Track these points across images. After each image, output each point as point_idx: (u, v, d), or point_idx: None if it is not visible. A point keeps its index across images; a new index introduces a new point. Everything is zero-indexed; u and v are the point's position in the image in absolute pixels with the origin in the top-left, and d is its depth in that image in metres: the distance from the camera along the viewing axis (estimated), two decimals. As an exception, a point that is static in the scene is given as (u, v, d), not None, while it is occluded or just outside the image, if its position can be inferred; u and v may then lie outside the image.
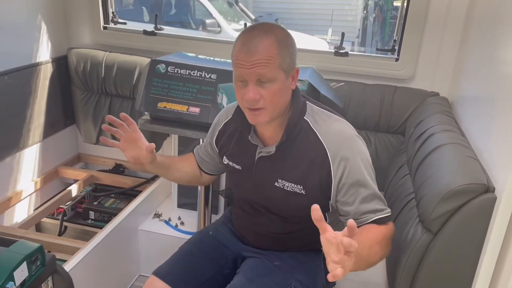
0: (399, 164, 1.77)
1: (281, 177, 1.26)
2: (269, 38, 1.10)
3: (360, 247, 0.90)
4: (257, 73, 1.10)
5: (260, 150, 1.29)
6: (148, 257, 2.16)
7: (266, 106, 1.14)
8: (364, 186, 1.19)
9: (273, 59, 1.10)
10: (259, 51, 1.09)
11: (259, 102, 1.13)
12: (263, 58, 1.09)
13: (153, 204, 2.29)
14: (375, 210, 1.19)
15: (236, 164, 1.36)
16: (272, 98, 1.13)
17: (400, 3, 2.18)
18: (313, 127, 1.22)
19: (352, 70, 2.17)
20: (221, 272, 1.40)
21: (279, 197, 1.27)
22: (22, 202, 2.28)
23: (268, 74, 1.10)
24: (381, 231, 1.16)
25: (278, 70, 1.11)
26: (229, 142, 1.38)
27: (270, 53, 1.09)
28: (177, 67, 1.83)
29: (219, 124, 1.43)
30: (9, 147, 2.15)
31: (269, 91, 1.12)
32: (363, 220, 1.19)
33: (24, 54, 2.21)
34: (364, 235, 1.09)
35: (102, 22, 2.45)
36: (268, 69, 1.10)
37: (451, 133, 1.50)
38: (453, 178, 1.19)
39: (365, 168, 1.19)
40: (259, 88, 1.12)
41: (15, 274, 1.15)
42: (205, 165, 1.53)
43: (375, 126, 2.09)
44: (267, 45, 1.10)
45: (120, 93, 2.39)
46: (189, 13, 6.23)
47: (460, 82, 1.89)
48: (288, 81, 1.16)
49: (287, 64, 1.13)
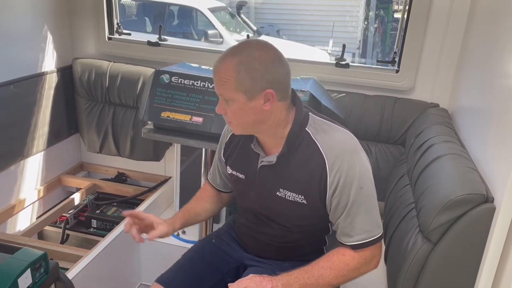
0: (400, 175, 1.79)
1: (283, 187, 1.27)
2: (230, 61, 1.16)
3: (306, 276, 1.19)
4: (218, 91, 1.21)
5: (261, 160, 1.30)
6: (150, 266, 2.16)
7: (231, 121, 1.24)
8: (353, 205, 1.19)
9: (229, 80, 1.16)
10: (218, 71, 1.18)
11: (225, 116, 1.25)
12: (221, 78, 1.18)
13: (155, 213, 2.27)
14: (355, 233, 1.20)
15: (239, 173, 1.38)
16: (233, 115, 1.22)
17: (400, 15, 2.21)
18: (314, 138, 1.24)
19: (353, 81, 2.20)
20: (224, 280, 1.40)
21: (281, 206, 1.29)
22: (25, 210, 2.30)
23: (225, 94, 1.19)
24: (344, 262, 1.21)
25: (235, 92, 1.16)
26: (234, 152, 1.40)
27: (226, 75, 1.16)
28: (180, 77, 1.86)
29: (226, 137, 1.45)
30: (14, 155, 2.18)
31: (230, 109, 1.21)
32: (340, 240, 1.24)
33: (30, 63, 2.25)
34: (317, 264, 1.22)
35: (107, 33, 2.49)
36: (224, 89, 1.18)
37: (451, 144, 1.52)
38: (453, 188, 1.20)
39: (361, 183, 1.19)
40: (225, 104, 1.21)
41: (19, 281, 1.16)
42: (223, 186, 1.54)
43: (375, 136, 2.11)
44: (225, 67, 1.17)
45: (123, 103, 2.42)
46: (191, 24, 6.28)
47: (460, 94, 1.92)
48: (253, 102, 1.17)
49: (246, 87, 1.15)
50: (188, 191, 2.19)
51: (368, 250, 1.22)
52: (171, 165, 2.46)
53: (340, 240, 1.25)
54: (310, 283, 1.20)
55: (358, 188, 1.19)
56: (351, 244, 1.21)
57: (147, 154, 2.47)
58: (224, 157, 1.45)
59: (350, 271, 1.22)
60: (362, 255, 1.22)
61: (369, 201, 1.21)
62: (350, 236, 1.21)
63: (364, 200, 1.20)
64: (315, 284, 1.20)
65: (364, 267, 1.23)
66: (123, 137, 2.46)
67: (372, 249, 1.22)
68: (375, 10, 7.57)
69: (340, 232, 1.24)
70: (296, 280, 1.19)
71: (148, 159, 2.48)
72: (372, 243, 1.21)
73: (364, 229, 1.20)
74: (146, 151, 2.45)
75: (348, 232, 1.22)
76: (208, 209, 1.54)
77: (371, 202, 1.22)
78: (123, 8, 5.78)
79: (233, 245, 1.49)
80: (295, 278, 1.20)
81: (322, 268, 1.21)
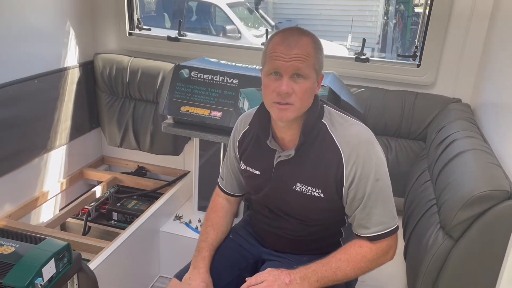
0: (420, 170, 1.77)
1: (300, 181, 1.27)
2: (307, 37, 1.17)
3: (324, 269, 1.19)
4: (295, 66, 1.14)
5: (279, 155, 1.30)
6: (169, 259, 2.19)
7: (295, 102, 1.17)
8: (370, 197, 1.20)
9: (310, 56, 1.15)
10: (299, 46, 1.14)
11: (290, 97, 1.16)
12: (302, 53, 1.14)
13: (174, 207, 2.32)
14: (372, 224, 1.20)
15: (254, 169, 1.38)
16: (302, 95, 1.16)
17: (421, 9, 2.18)
18: (330, 130, 1.24)
19: (373, 76, 2.18)
20: (241, 275, 1.40)
21: (297, 200, 1.29)
22: (48, 202, 2.35)
23: (305, 70, 1.14)
24: (361, 254, 1.21)
25: (312, 69, 1.16)
26: (247, 148, 1.40)
27: (308, 51, 1.15)
28: (200, 72, 1.87)
29: (238, 134, 1.44)
30: (37, 149, 2.23)
31: (301, 87, 1.15)
32: (356, 232, 1.24)
33: (53, 58, 2.29)
34: (334, 257, 1.22)
35: (128, 28, 2.52)
36: (305, 65, 1.14)
37: (474, 139, 1.49)
38: (476, 184, 1.19)
39: (377, 175, 1.19)
40: (292, 83, 1.16)
41: (43, 270, 1.19)
42: (238, 187, 1.50)
43: (395, 132, 2.08)
44: (306, 42, 1.15)
45: (144, 97, 2.45)
46: (210, 20, 6.30)
47: (483, 88, 1.88)
48: (315, 84, 1.20)
49: (319, 66, 1.18)
50: (207, 185, 2.21)
51: (385, 241, 1.22)
52: (190, 159, 2.48)
53: (356, 232, 1.25)
54: (327, 276, 1.20)
55: (374, 180, 1.19)
56: (368, 235, 1.21)
57: (166, 148, 2.49)
58: (239, 153, 1.44)
59: (368, 262, 1.21)
60: (379, 246, 1.22)
61: (385, 193, 1.22)
62: (367, 228, 1.21)
63: (381, 192, 1.20)
64: (333, 277, 1.20)
65: (382, 258, 1.23)
66: (143, 132, 2.49)
67: (389, 240, 1.22)
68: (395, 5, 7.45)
69: (357, 224, 1.23)
70: (314, 273, 1.20)
71: (167, 153, 2.51)
72: (388, 234, 1.21)
73: (380, 221, 1.21)
74: (166, 145, 2.48)
75: (364, 224, 1.22)
76: (225, 231, 1.47)
77: (387, 193, 1.22)
78: (143, 4, 5.83)
79: (251, 240, 1.50)
80: (313, 271, 1.20)
81: (339, 261, 1.21)
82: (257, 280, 1.20)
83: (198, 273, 1.33)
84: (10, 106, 2.02)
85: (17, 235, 1.30)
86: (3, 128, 2.00)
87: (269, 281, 1.18)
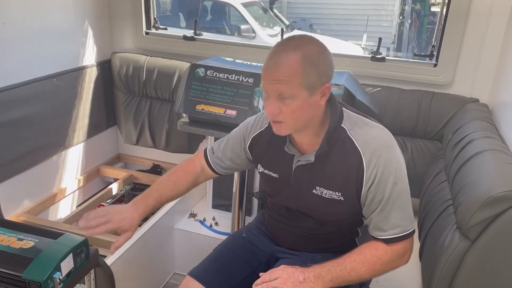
0: (436, 171, 1.75)
1: (319, 185, 1.27)
2: (295, 55, 1.11)
3: (338, 268, 1.19)
4: (277, 89, 1.12)
5: (298, 159, 1.30)
6: (183, 256, 2.21)
7: (285, 120, 1.16)
8: (388, 200, 1.19)
9: (295, 76, 1.11)
10: (283, 66, 1.10)
11: (278, 116, 1.16)
12: (285, 75, 1.10)
13: (188, 204, 2.34)
14: (389, 227, 1.20)
15: (272, 172, 1.37)
16: (291, 114, 1.14)
17: (438, 8, 2.15)
18: (349, 134, 1.23)
19: (389, 75, 2.16)
20: (255, 274, 1.40)
21: (316, 204, 1.28)
22: (66, 198, 2.40)
23: (288, 92, 1.11)
24: (377, 256, 1.20)
25: (299, 88, 1.12)
26: (264, 151, 1.39)
27: (292, 70, 1.10)
28: (215, 71, 1.88)
29: (252, 131, 1.42)
30: (56, 146, 2.27)
31: (288, 107, 1.13)
32: (373, 234, 1.24)
33: (72, 57, 2.33)
34: (350, 257, 1.21)
35: (145, 28, 2.54)
36: (288, 86, 1.11)
37: (491, 140, 1.47)
38: (493, 184, 1.17)
39: (396, 179, 1.18)
40: (279, 103, 1.14)
41: (62, 265, 1.20)
42: (218, 167, 1.48)
43: (411, 131, 2.07)
44: (292, 61, 1.11)
45: (160, 96, 2.47)
46: (224, 19, 6.32)
47: (501, 88, 1.85)
48: (313, 98, 1.15)
49: (311, 82, 1.13)
50: (221, 183, 2.23)
51: (401, 245, 1.21)
52: (205, 158, 2.50)
53: (373, 234, 1.24)
54: (342, 276, 1.19)
55: (393, 184, 1.18)
56: (385, 238, 1.21)
57: (181, 147, 2.52)
58: (251, 152, 1.43)
59: (383, 265, 1.21)
60: (395, 249, 1.21)
61: (404, 197, 1.20)
62: (383, 230, 1.21)
63: (399, 195, 1.19)
64: (347, 277, 1.20)
65: (397, 261, 1.22)
66: (159, 130, 2.52)
67: (405, 243, 1.21)
68: (411, 4, 7.37)
69: (374, 226, 1.23)
70: (328, 272, 1.20)
71: (182, 151, 2.53)
72: (405, 238, 1.20)
73: (397, 224, 1.20)
74: (181, 144, 2.50)
75: (381, 226, 1.21)
76: (180, 195, 1.47)
77: (405, 197, 1.21)
78: (158, 4, 5.88)
79: (264, 239, 1.50)
80: (327, 270, 1.20)
81: (354, 262, 1.21)
82: (271, 276, 1.20)
83: (135, 211, 1.34)
84: (30, 104, 2.06)
85: (36, 230, 1.32)
86: (23, 125, 2.04)
87: (283, 278, 1.18)
